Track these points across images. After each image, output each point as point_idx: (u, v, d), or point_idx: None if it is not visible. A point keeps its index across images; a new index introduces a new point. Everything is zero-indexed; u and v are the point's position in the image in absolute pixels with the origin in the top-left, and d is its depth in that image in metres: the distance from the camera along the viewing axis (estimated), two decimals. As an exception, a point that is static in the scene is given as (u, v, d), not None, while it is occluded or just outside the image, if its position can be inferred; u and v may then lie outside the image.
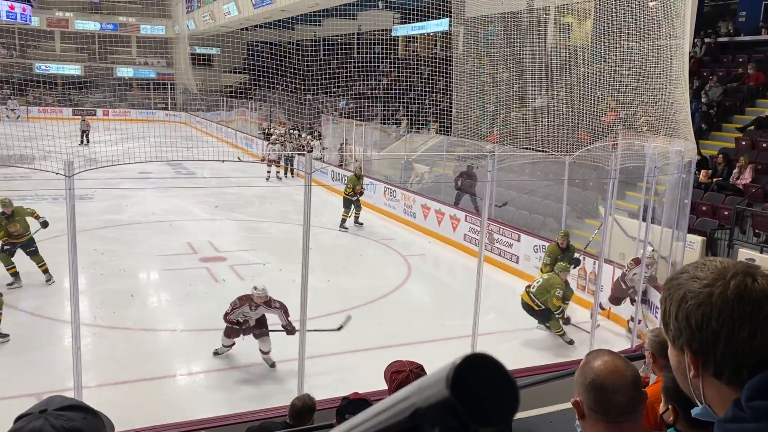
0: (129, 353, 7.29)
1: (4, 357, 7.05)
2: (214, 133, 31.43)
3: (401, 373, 2.56)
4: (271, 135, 24.55)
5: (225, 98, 33.62)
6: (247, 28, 31.40)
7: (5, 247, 9.27)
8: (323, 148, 22.09)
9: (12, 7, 28.92)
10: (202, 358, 7.40)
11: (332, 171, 18.23)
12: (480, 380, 0.47)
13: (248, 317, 6.98)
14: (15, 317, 8.12)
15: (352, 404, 2.84)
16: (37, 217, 9.67)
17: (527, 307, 8.05)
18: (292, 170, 20.75)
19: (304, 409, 3.96)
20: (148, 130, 19.70)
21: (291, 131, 25.48)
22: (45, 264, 9.39)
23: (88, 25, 38.67)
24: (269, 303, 6.97)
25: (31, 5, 30.62)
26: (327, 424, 3.79)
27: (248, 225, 14.07)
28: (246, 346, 7.54)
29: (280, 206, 16.09)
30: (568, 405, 1.91)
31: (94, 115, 37.04)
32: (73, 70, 38.57)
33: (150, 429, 4.23)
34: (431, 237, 13.34)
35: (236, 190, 17.40)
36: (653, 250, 8.39)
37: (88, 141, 26.19)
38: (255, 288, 6.93)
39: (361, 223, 14.09)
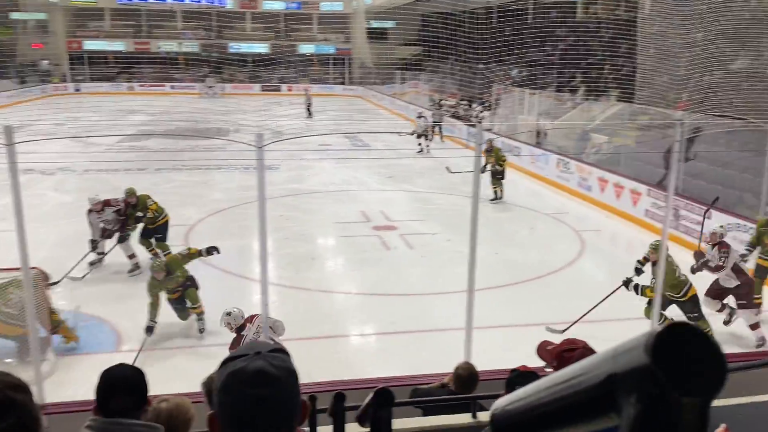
0: (309, 312, 7.83)
1: (206, 309, 7.90)
2: (388, 106, 32.23)
3: (575, 351, 2.49)
4: (442, 106, 24.63)
5: (399, 71, 34.25)
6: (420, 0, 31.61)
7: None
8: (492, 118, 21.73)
9: (210, -8, 31.68)
10: (374, 321, 7.75)
11: (502, 142, 17.91)
12: (682, 350, 0.44)
13: None
14: (210, 274, 9.07)
15: (522, 376, 2.81)
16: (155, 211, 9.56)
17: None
18: (441, 136, 20.93)
19: (469, 378, 3.99)
20: (327, 104, 20.81)
21: (461, 102, 25.37)
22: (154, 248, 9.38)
23: (275, 4, 41.28)
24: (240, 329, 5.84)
25: (227, -11, 33.35)
26: (493, 394, 3.80)
27: (418, 196, 14.35)
28: (419, 311, 7.77)
29: (449, 178, 16.17)
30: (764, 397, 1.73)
31: (279, 90, 39.75)
32: (261, 48, 41.53)
33: (327, 384, 4.53)
34: (608, 212, 12.66)
35: (408, 162, 17.78)
36: (721, 226, 7.19)
37: (311, 114, 26.50)
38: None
39: (498, 198, 13.66)
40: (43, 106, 30.42)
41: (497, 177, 13.63)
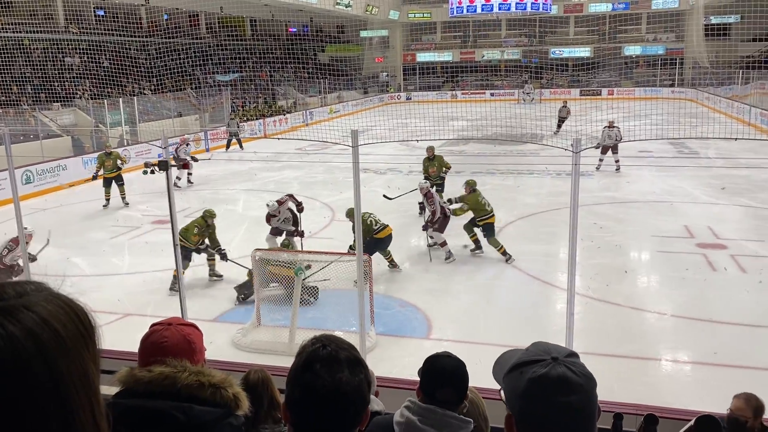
0: (616, 328, 7.42)
1: (509, 311, 8.05)
2: (724, 109, 28.72)
3: None
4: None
5: (741, 70, 30.26)
6: (776, -13, 27.38)
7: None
8: None
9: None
10: (691, 348, 7.00)
11: None
12: None
13: None
14: (517, 278, 9.21)
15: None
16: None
17: None
18: None
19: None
20: (651, 108, 19.40)
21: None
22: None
23: (601, 6, 39.88)
24: None
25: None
26: None
27: (758, 212, 12.49)
28: (751, 345, 6.81)
29: (801, 193, 13.76)
30: None
31: (599, 95, 38.34)
32: (584, 52, 40.54)
33: (632, 405, 4.24)
34: None
35: (746, 173, 15.59)
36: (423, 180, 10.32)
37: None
38: None
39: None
40: (379, 113, 34.26)
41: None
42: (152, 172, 5.92)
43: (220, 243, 9.38)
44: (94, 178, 14.73)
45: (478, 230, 10.07)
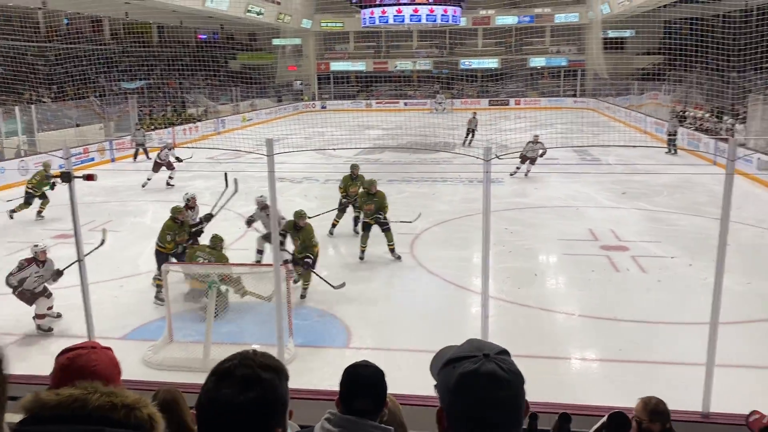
0: (528, 329, 7.67)
1: (426, 316, 8.15)
2: (623, 118, 30.45)
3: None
4: (686, 119, 22.70)
5: (636, 82, 32.22)
6: (665, 6, 29.38)
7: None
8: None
9: (446, 11, 32.83)
10: (598, 346, 7.34)
11: (758, 159, 15.90)
12: None
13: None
14: (433, 282, 9.36)
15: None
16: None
17: None
18: (675, 148, 20.27)
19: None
20: (556, 117, 20.30)
21: (708, 114, 23.10)
22: None
23: (507, 19, 41.35)
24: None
25: (461, 7, 34.27)
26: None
27: (654, 215, 13.30)
28: (651, 340, 7.20)
29: (692, 197, 14.76)
30: None
31: (507, 104, 39.72)
32: (491, 63, 41.88)
33: (546, 404, 4.39)
34: None
35: (643, 178, 16.58)
36: None
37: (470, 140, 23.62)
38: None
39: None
40: (295, 121, 34.02)
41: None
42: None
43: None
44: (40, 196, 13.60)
45: (374, 228, 10.21)
